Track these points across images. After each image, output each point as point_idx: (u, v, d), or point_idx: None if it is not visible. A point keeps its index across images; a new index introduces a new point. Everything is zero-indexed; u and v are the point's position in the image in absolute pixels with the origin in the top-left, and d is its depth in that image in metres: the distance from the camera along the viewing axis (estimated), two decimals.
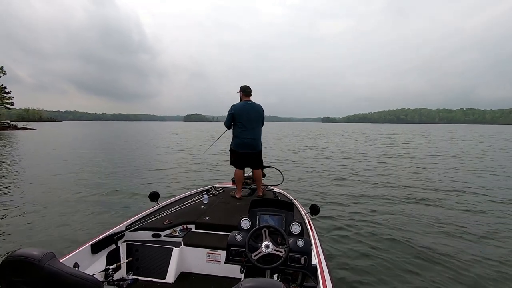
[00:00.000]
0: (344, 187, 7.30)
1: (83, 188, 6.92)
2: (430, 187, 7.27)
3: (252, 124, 3.59)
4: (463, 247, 3.76)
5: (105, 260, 2.12)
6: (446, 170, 10.05)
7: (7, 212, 5.13)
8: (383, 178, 8.43)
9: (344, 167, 10.65)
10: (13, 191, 6.73)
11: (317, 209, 2.27)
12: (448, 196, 6.38)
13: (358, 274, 3.13)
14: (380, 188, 7.23)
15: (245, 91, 3.65)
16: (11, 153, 14.05)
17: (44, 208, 5.34)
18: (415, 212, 5.24)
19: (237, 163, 3.69)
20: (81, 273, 1.04)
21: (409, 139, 27.66)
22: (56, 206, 5.44)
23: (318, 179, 8.29)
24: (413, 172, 9.49)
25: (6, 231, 4.28)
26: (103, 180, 7.86)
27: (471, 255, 3.54)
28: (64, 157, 12.54)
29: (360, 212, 5.17)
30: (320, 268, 1.74)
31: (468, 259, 3.44)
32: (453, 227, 4.47)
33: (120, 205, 5.56)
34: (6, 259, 0.95)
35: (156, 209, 2.85)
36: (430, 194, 6.54)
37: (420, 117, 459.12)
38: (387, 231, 4.31)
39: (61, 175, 8.57)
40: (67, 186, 7.11)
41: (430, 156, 14.03)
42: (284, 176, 4.35)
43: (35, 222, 4.61)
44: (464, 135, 37.58)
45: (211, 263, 2.30)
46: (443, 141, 25.76)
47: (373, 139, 27.65)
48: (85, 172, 9.13)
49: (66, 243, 3.80)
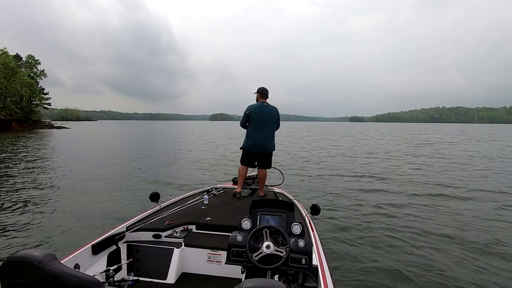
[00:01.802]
0: (345, 187, 7.29)
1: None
2: (434, 188, 7.17)
3: (266, 125, 3.65)
4: (465, 250, 3.70)
5: (106, 261, 2.12)
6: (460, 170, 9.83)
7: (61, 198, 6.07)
8: (390, 181, 8.28)
9: (348, 166, 10.72)
10: (46, 182, 7.61)
11: (317, 209, 2.29)
12: (460, 199, 6.22)
13: (359, 274, 3.13)
14: (383, 189, 7.17)
15: (262, 93, 3.74)
16: (40, 151, 15.09)
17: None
18: (419, 212, 5.25)
19: (246, 161, 3.79)
20: (82, 274, 1.04)
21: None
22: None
23: (320, 179, 8.37)
24: (415, 173, 9.36)
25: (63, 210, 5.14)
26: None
27: (473, 263, 3.41)
28: (98, 155, 13.62)
29: (361, 212, 5.20)
30: (321, 269, 1.75)
31: (471, 266, 3.32)
32: (452, 230, 4.40)
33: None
34: (7, 260, 0.95)
35: (156, 209, 2.85)
36: (435, 196, 6.48)
37: (457, 116, 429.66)
38: (388, 232, 4.29)
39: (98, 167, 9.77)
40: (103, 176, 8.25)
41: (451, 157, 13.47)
42: (284, 176, 4.34)
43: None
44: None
45: (212, 263, 2.29)
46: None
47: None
48: (126, 166, 10.35)
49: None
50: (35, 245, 3.87)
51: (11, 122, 38.02)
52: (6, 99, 39.48)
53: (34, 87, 46.22)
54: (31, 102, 47.32)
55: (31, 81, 45.16)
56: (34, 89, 46.43)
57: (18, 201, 5.94)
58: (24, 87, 42.86)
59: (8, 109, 37.38)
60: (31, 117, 46.28)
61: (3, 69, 38.49)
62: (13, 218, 4.87)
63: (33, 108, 47.71)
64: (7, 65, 39.83)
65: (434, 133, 40.27)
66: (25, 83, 42.79)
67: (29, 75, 47.81)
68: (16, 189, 6.95)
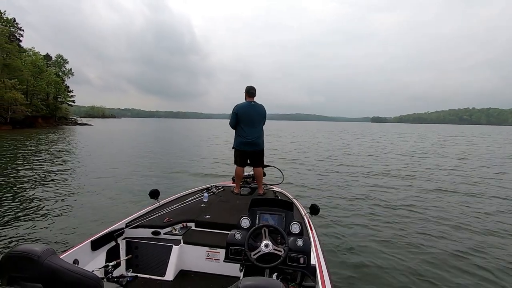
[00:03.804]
0: (345, 187, 7.32)
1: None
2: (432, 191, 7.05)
3: (254, 123, 3.72)
4: (467, 248, 3.75)
5: (105, 257, 2.12)
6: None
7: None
8: (392, 179, 8.42)
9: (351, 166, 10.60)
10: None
11: (317, 209, 2.30)
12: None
13: (358, 274, 3.13)
14: (382, 188, 7.19)
15: (249, 91, 3.77)
16: (57, 146, 15.80)
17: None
18: (416, 212, 5.30)
19: (239, 161, 3.82)
20: (80, 269, 1.05)
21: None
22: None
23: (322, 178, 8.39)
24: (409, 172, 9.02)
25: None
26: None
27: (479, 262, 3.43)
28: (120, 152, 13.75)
29: (361, 212, 5.24)
30: (319, 268, 1.74)
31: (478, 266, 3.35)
32: (454, 222, 4.56)
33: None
34: (6, 254, 0.96)
35: (156, 206, 2.85)
36: (434, 198, 6.39)
37: (488, 118, 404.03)
38: (387, 231, 4.34)
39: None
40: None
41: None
42: (284, 175, 4.40)
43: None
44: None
45: (211, 261, 2.30)
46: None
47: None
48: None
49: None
50: (36, 239, 3.86)
51: (37, 118, 39.64)
52: (34, 96, 41.24)
53: (59, 85, 48.10)
54: (57, 100, 49.33)
55: (56, 79, 46.94)
56: (60, 87, 48.33)
57: (21, 194, 5.96)
58: (50, 85, 44.64)
59: (34, 106, 38.91)
60: (56, 114, 48.24)
61: (32, 67, 40.27)
62: (17, 212, 4.88)
63: (59, 105, 49.69)
64: (35, 63, 41.71)
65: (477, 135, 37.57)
66: (51, 81, 44.56)
67: (57, 74, 49.91)
68: (22, 182, 7.01)
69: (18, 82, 33.36)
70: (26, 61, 39.85)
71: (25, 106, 33.89)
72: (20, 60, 37.11)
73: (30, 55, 42.75)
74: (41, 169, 8.85)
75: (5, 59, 34.17)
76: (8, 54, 34.56)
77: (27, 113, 34.60)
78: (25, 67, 38.07)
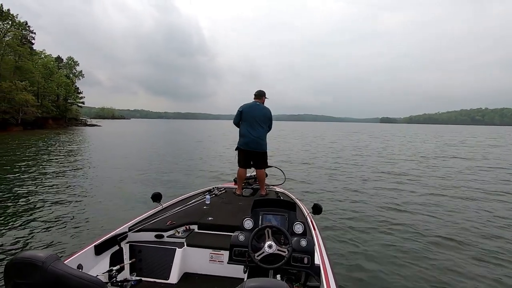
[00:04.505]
0: (345, 187, 7.29)
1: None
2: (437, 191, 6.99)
3: (258, 124, 3.74)
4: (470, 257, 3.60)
5: (109, 261, 2.12)
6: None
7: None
8: (392, 178, 8.36)
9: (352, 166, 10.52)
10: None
11: (319, 208, 2.33)
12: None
13: (362, 273, 3.12)
14: (384, 188, 7.17)
15: (255, 93, 3.91)
16: (64, 147, 15.86)
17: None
18: (419, 212, 5.27)
19: (242, 161, 3.84)
20: (85, 274, 1.05)
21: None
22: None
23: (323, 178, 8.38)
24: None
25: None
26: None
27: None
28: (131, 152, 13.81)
29: (363, 212, 5.21)
30: (323, 268, 1.74)
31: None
32: (447, 230, 4.38)
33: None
34: (11, 261, 0.96)
35: (158, 210, 2.85)
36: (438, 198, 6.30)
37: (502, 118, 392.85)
38: (391, 230, 4.32)
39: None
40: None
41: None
42: (286, 176, 4.41)
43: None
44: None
45: (214, 263, 2.29)
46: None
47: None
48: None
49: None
50: (41, 245, 3.81)
51: (48, 119, 40.40)
52: (44, 98, 42.03)
53: (69, 87, 48.92)
54: (67, 101, 50.20)
55: (67, 81, 47.75)
56: (70, 88, 49.16)
57: (24, 197, 5.92)
58: (61, 87, 45.43)
59: (45, 107, 39.66)
60: (66, 115, 49.07)
61: (42, 69, 41.09)
62: (22, 215, 4.83)
63: (68, 106, 50.56)
64: (46, 65, 42.53)
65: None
66: (61, 83, 45.36)
67: (67, 76, 50.80)
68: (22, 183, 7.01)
69: (29, 84, 34.03)
70: (37, 63, 40.70)
71: (35, 108, 34.53)
72: (31, 62, 37.93)
73: (42, 57, 43.64)
74: (46, 171, 8.77)
75: (17, 61, 34.95)
76: (20, 57, 35.33)
77: (38, 114, 35.26)
78: (36, 69, 38.87)
